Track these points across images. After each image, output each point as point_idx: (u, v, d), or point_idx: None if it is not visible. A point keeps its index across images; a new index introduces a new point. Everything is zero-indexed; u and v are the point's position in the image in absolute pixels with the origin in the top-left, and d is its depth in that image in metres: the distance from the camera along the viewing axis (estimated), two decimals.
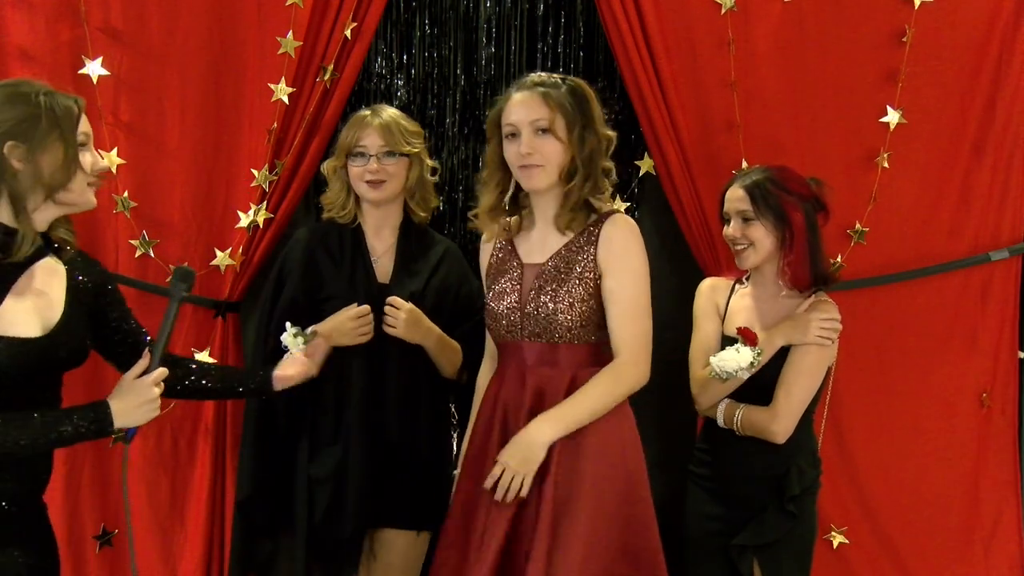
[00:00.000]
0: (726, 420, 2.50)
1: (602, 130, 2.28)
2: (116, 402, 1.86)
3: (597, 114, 2.28)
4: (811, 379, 2.48)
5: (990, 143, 3.06)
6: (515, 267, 2.32)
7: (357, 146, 2.61)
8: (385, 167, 2.60)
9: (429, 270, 2.67)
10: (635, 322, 2.23)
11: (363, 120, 2.63)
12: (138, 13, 2.91)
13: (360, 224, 2.69)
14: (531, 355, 2.25)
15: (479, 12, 3.20)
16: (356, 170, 2.62)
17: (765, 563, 2.47)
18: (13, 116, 1.80)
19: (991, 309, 3.10)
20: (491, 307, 2.32)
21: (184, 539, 3.00)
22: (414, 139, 2.66)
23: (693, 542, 2.59)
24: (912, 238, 3.07)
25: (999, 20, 3.04)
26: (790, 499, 2.45)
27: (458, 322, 2.66)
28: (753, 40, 3.00)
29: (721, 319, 2.60)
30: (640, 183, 3.15)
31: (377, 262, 2.66)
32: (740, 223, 2.52)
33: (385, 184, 2.61)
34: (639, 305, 2.24)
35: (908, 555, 3.08)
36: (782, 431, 2.44)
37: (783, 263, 2.50)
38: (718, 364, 2.43)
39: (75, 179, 1.88)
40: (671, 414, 2.89)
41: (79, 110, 1.88)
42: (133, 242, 2.93)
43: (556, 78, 2.28)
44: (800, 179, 2.54)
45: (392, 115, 2.66)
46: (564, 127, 2.21)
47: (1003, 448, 3.12)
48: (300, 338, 2.43)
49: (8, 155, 1.80)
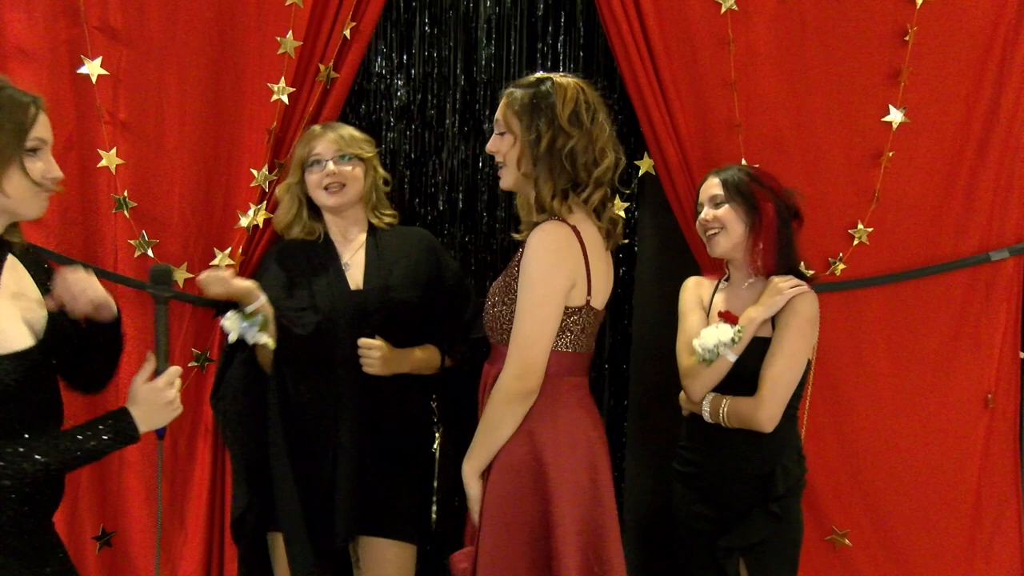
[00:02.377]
0: (712, 414, 2.51)
1: (567, 125, 2.23)
2: (135, 409, 1.85)
3: (566, 110, 2.23)
4: (793, 366, 2.49)
5: (994, 141, 3.05)
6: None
7: (312, 155, 2.67)
8: (342, 170, 2.65)
9: (404, 264, 2.69)
10: (518, 327, 2.21)
11: (314, 132, 2.72)
12: (137, 12, 2.90)
13: (328, 237, 2.74)
14: (498, 357, 2.31)
15: (479, 12, 3.19)
16: (314, 178, 2.67)
17: (752, 564, 2.48)
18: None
19: (995, 309, 3.09)
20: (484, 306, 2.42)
21: (184, 539, 3.00)
22: (367, 146, 2.73)
23: (681, 541, 2.62)
24: (916, 238, 3.06)
25: (1002, 19, 3.03)
26: (775, 499, 2.46)
27: (436, 310, 2.69)
28: (753, 40, 3.00)
29: (706, 312, 2.63)
30: (640, 183, 3.15)
31: (348, 268, 2.69)
32: (712, 208, 2.57)
33: (344, 189, 2.66)
34: (522, 310, 2.20)
35: (911, 557, 3.07)
36: (768, 419, 2.45)
37: (753, 251, 2.55)
38: (700, 344, 2.47)
39: (8, 181, 1.75)
40: (667, 412, 2.88)
41: (36, 109, 1.78)
42: (132, 242, 2.93)
43: (536, 78, 2.31)
44: (774, 179, 2.60)
45: (344, 127, 2.75)
46: (519, 127, 2.25)
47: (1004, 449, 3.11)
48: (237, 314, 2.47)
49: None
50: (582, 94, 2.27)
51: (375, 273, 2.66)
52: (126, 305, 2.89)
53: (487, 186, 3.23)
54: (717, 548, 2.49)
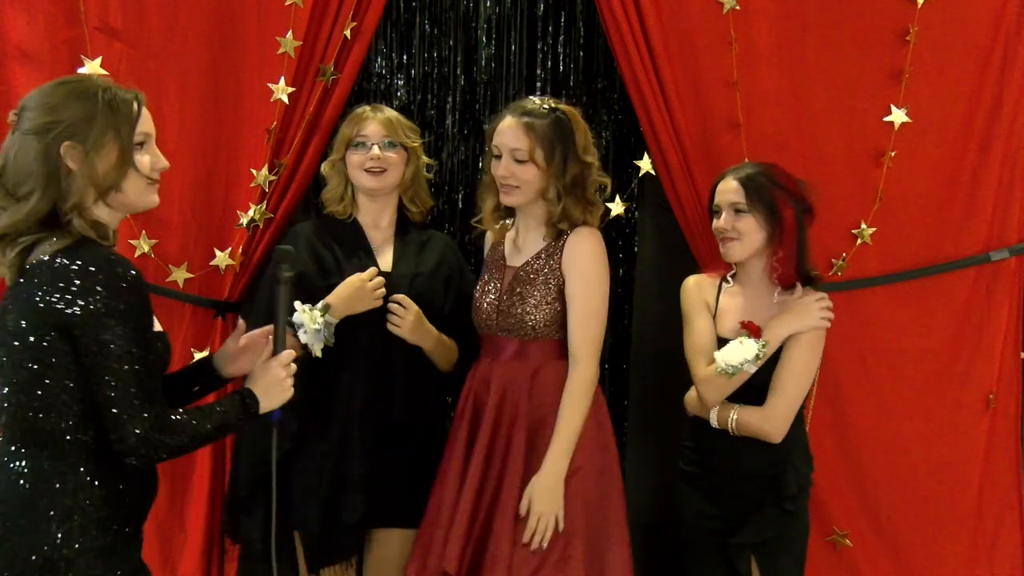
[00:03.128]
0: (720, 422, 2.50)
1: (585, 157, 2.45)
2: (256, 387, 1.93)
3: (581, 143, 2.45)
4: (804, 378, 2.49)
5: (996, 141, 3.04)
6: (500, 266, 2.55)
7: (358, 136, 2.67)
8: (386, 156, 2.65)
9: (430, 261, 2.70)
10: (586, 325, 2.42)
11: (363, 114, 2.71)
12: (137, 12, 2.90)
13: (356, 219, 2.73)
14: (505, 349, 2.48)
15: (479, 12, 3.19)
16: (356, 158, 2.66)
17: (763, 561, 2.48)
18: (72, 115, 1.76)
19: (997, 309, 3.08)
20: (476, 299, 2.55)
21: (184, 539, 3.00)
22: (412, 134, 2.73)
23: (690, 541, 2.60)
24: (918, 238, 3.06)
25: (1004, 18, 3.02)
26: (788, 498, 2.46)
27: (455, 313, 2.68)
28: (754, 39, 2.99)
29: (712, 315, 2.59)
30: (640, 183, 3.14)
31: (377, 250, 2.69)
32: (732, 215, 2.53)
33: (385, 173, 2.66)
34: (589, 309, 2.42)
35: (912, 557, 3.06)
36: (776, 431, 2.45)
37: (772, 259, 2.52)
38: (724, 359, 2.43)
39: (127, 180, 1.82)
40: (668, 412, 2.87)
41: (139, 105, 1.84)
42: (133, 242, 2.93)
43: (546, 107, 2.45)
44: (791, 177, 2.56)
45: (392, 112, 2.75)
46: (543, 157, 2.41)
47: (1005, 449, 3.10)
48: (316, 312, 2.44)
49: (64, 156, 1.76)
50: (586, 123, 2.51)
51: (403, 259, 2.67)
52: None
53: None
54: (729, 545, 2.48)
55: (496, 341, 2.50)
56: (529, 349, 2.46)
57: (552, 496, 2.33)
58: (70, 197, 1.76)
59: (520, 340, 2.46)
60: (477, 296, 2.55)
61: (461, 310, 2.68)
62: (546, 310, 2.44)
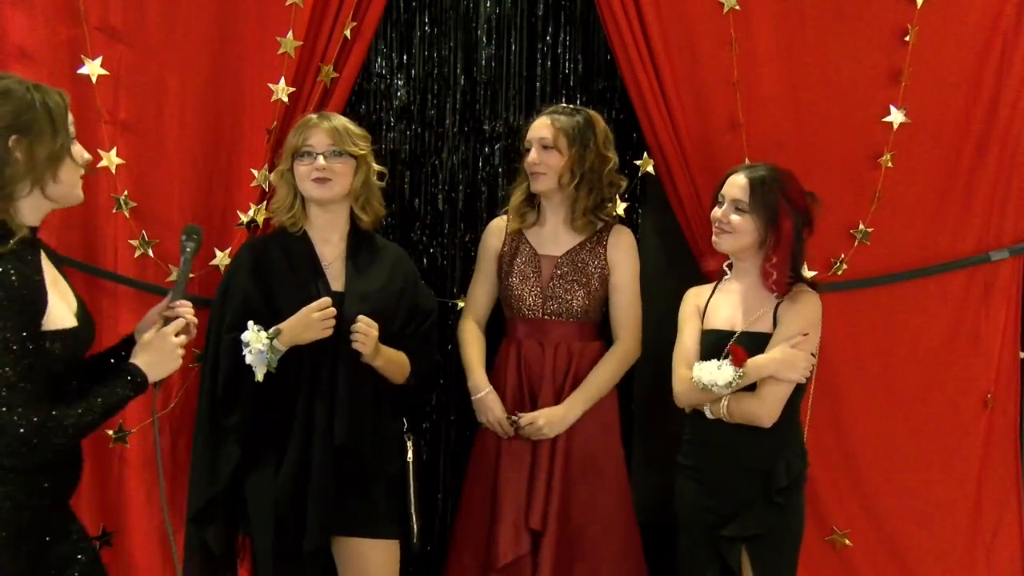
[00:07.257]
0: (713, 410, 2.54)
1: (604, 151, 2.82)
2: (143, 356, 1.96)
3: (601, 138, 2.82)
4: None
5: (994, 141, 3.06)
6: (531, 256, 2.87)
7: (304, 146, 2.62)
8: (332, 166, 2.60)
9: (382, 276, 2.67)
10: (634, 309, 2.88)
11: (309, 122, 2.66)
12: (137, 12, 2.89)
13: (307, 232, 2.69)
14: (553, 331, 2.83)
15: (479, 12, 3.19)
16: (303, 169, 2.62)
17: (754, 554, 2.51)
18: (11, 110, 1.82)
19: (994, 309, 3.09)
20: (513, 286, 2.86)
21: (183, 539, 2.99)
22: (361, 141, 2.67)
23: (685, 533, 2.64)
24: (916, 238, 3.07)
25: (1002, 19, 3.04)
26: (778, 491, 2.49)
27: (409, 327, 2.68)
28: (754, 40, 3.00)
29: (701, 317, 2.65)
30: (640, 183, 3.15)
31: (328, 267, 2.65)
32: (732, 209, 2.56)
33: (331, 183, 2.61)
34: (634, 294, 2.88)
35: (911, 557, 3.08)
36: (767, 416, 2.49)
37: (766, 265, 2.55)
38: (699, 373, 2.50)
39: (64, 170, 1.89)
40: (665, 410, 2.88)
41: (65, 103, 1.91)
42: (132, 242, 2.92)
43: (572, 108, 2.87)
44: (801, 189, 2.58)
45: (340, 119, 2.69)
46: (566, 145, 2.77)
47: (1004, 449, 3.12)
48: (263, 334, 2.45)
49: (13, 149, 1.82)
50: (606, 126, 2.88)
51: (355, 277, 2.63)
52: (126, 305, 2.90)
53: (487, 186, 3.23)
54: (720, 538, 2.52)
55: (541, 324, 2.84)
56: (573, 329, 2.83)
57: (559, 424, 2.76)
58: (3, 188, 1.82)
59: (565, 322, 2.82)
60: (516, 284, 2.86)
61: (413, 323, 2.68)
62: (594, 296, 2.83)
